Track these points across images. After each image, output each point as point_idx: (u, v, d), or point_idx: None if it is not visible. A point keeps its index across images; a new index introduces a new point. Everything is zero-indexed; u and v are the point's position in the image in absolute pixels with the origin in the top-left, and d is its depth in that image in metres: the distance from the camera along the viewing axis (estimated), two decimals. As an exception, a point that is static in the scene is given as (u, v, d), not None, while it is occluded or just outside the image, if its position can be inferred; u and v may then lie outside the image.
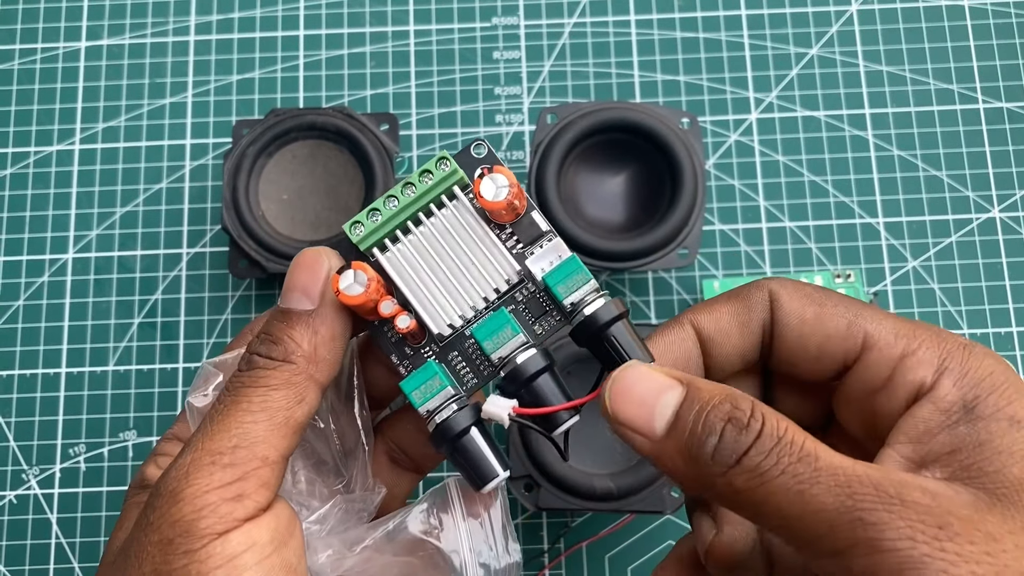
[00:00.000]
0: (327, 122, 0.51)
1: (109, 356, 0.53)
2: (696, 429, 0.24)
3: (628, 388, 0.26)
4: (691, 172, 0.49)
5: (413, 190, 0.28)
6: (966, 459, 0.24)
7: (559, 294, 0.28)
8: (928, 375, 0.26)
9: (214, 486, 0.25)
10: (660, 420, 0.25)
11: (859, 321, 0.28)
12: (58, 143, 0.56)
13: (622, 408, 0.26)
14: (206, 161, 0.56)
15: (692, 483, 0.25)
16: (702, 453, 0.24)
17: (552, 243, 0.29)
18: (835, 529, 0.22)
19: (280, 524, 0.26)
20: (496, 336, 0.28)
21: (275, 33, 0.58)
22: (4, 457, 0.51)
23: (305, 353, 0.27)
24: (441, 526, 0.29)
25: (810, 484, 0.23)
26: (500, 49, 0.57)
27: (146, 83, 0.57)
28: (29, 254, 0.54)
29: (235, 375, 0.27)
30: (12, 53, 0.58)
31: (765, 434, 0.23)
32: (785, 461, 0.23)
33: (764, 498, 0.23)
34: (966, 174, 0.54)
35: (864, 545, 0.22)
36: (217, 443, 0.26)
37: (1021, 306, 0.52)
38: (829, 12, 0.57)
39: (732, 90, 0.56)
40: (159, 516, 0.25)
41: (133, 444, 0.51)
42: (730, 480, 0.23)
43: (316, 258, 0.28)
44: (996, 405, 0.25)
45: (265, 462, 0.26)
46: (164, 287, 0.54)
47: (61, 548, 0.50)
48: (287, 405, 0.26)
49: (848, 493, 0.22)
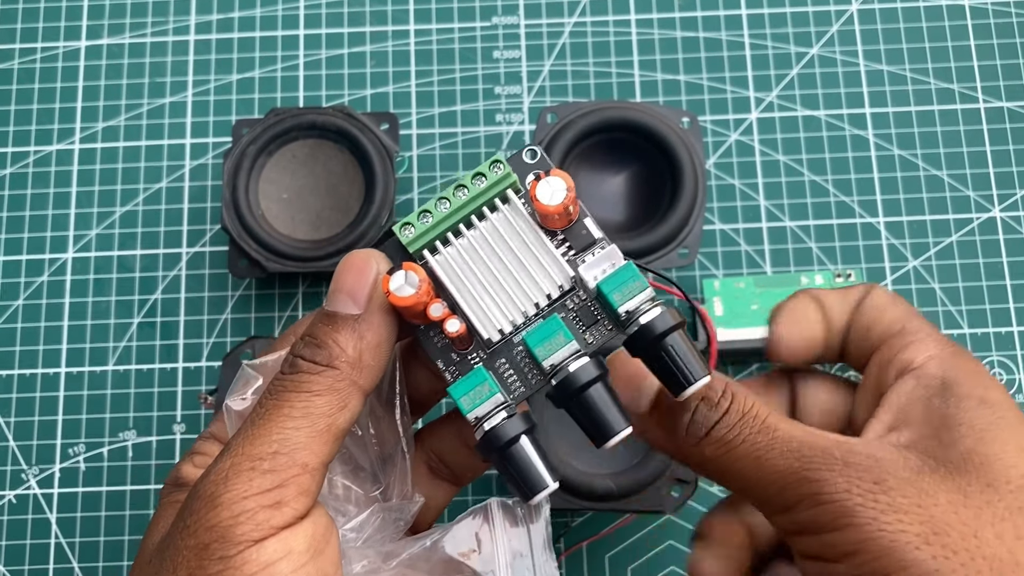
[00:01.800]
0: (327, 121, 0.50)
1: (108, 356, 0.53)
2: (674, 409, 0.28)
3: (620, 366, 0.29)
4: (691, 171, 0.49)
5: (465, 192, 0.28)
6: (929, 430, 0.27)
7: (614, 302, 0.27)
8: (918, 356, 0.30)
9: (252, 492, 0.25)
10: (645, 399, 0.29)
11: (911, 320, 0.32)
12: (58, 142, 0.56)
13: (617, 381, 0.29)
14: (206, 160, 0.56)
15: (671, 452, 0.29)
16: (678, 426, 0.28)
17: (606, 250, 0.28)
18: (785, 489, 0.26)
19: (317, 532, 0.26)
20: (548, 342, 0.27)
21: (275, 32, 0.58)
22: (3, 457, 0.51)
23: (350, 359, 0.27)
24: (479, 548, 0.29)
25: (766, 450, 0.26)
26: (500, 48, 0.57)
27: (146, 82, 0.57)
28: (28, 253, 0.54)
29: (278, 378, 0.27)
30: (12, 52, 0.58)
31: (732, 411, 0.27)
32: (746, 432, 0.27)
33: (729, 465, 0.27)
34: (967, 173, 0.54)
35: (808, 500, 0.25)
36: (257, 448, 0.25)
37: (1021, 306, 0.52)
38: (829, 11, 0.57)
39: (732, 89, 0.56)
40: (196, 520, 0.25)
41: (133, 444, 0.51)
42: (701, 450, 0.27)
43: (366, 261, 0.27)
44: (971, 387, 0.28)
45: (305, 469, 0.25)
46: (164, 287, 0.54)
47: (60, 548, 0.50)
48: (329, 411, 0.26)
49: (797, 456, 0.26)
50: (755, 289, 0.51)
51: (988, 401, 0.27)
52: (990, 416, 0.27)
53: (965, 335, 0.52)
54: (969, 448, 0.26)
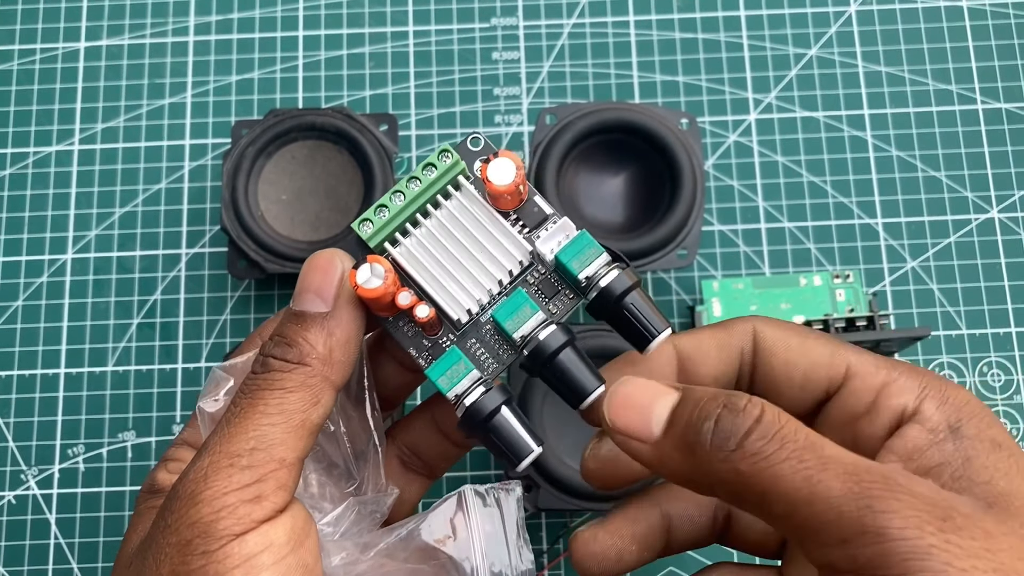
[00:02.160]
0: (326, 122, 0.51)
1: (108, 357, 0.53)
2: (692, 419, 0.24)
3: (625, 399, 0.26)
4: (690, 173, 0.49)
5: (418, 184, 0.29)
6: (955, 472, 0.25)
7: (573, 269, 0.28)
8: (910, 400, 0.27)
9: (232, 488, 0.25)
10: (657, 422, 0.25)
11: (841, 351, 0.28)
12: (57, 143, 0.56)
13: (620, 416, 0.26)
14: (205, 161, 0.56)
15: (695, 477, 0.25)
16: (699, 440, 0.24)
17: (558, 224, 0.29)
18: (843, 516, 0.22)
19: (296, 525, 0.26)
20: (516, 315, 0.28)
21: (274, 34, 0.58)
22: (3, 457, 0.51)
23: (320, 355, 0.27)
24: (455, 534, 0.29)
25: (818, 469, 0.22)
26: (499, 50, 0.57)
27: (145, 84, 0.57)
28: (28, 254, 0.54)
29: (250, 377, 0.27)
30: (11, 53, 0.58)
31: (766, 420, 0.23)
32: (790, 447, 0.23)
33: (771, 483, 0.23)
34: (965, 175, 0.54)
35: (873, 533, 0.22)
36: (235, 445, 0.26)
37: (1020, 306, 0.52)
38: (828, 13, 0.57)
39: (731, 91, 0.56)
40: (177, 518, 0.25)
41: (132, 444, 0.51)
42: (734, 465, 0.23)
43: (330, 260, 0.28)
44: (978, 428, 0.26)
45: (282, 464, 0.26)
46: (163, 288, 0.54)
47: (60, 548, 0.50)
48: (303, 407, 0.27)
49: (856, 480, 0.22)
50: (754, 290, 0.51)
51: (999, 442, 0.26)
52: (1007, 459, 0.25)
53: (963, 336, 0.52)
54: (1005, 490, 0.24)
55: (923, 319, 0.52)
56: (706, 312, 0.51)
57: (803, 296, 0.51)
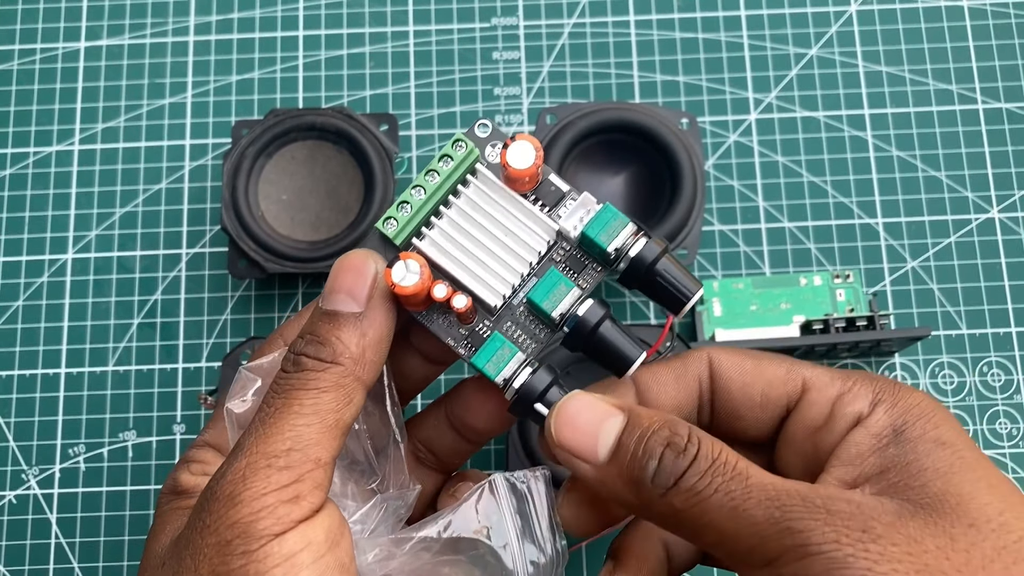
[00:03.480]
0: (326, 122, 0.51)
1: (108, 356, 0.53)
2: (637, 453, 0.26)
3: (572, 417, 0.27)
4: (690, 173, 0.49)
5: (436, 176, 0.29)
6: (894, 477, 0.26)
7: (602, 243, 0.28)
8: (864, 407, 0.28)
9: (271, 488, 0.25)
10: (603, 447, 0.26)
11: (796, 368, 0.30)
12: (57, 144, 0.56)
13: (566, 435, 0.27)
14: (205, 162, 0.56)
15: (634, 506, 0.26)
16: (643, 476, 0.25)
17: (579, 200, 0.29)
18: (766, 540, 0.24)
19: (333, 524, 0.26)
20: (552, 294, 0.28)
21: (274, 34, 0.58)
22: (4, 457, 0.51)
23: (353, 355, 0.27)
24: (490, 524, 0.29)
25: (742, 500, 0.24)
26: (499, 50, 0.57)
27: (145, 84, 0.57)
28: (28, 254, 0.54)
29: (282, 376, 0.27)
30: (11, 53, 0.58)
31: (701, 456, 0.25)
32: (719, 480, 0.25)
33: (700, 516, 0.25)
34: (965, 175, 0.54)
35: (793, 551, 0.23)
36: (271, 446, 0.26)
37: (1020, 306, 0.52)
38: (828, 13, 0.57)
39: (731, 91, 0.56)
40: (216, 519, 0.25)
41: (133, 444, 0.51)
42: (669, 501, 0.25)
43: (364, 260, 0.28)
44: (923, 429, 0.27)
45: (318, 464, 0.26)
46: (163, 288, 0.54)
47: (61, 548, 0.50)
48: (337, 407, 0.27)
49: (777, 506, 0.24)
50: (754, 290, 0.51)
51: (943, 441, 0.26)
52: (950, 457, 0.26)
53: (963, 336, 0.52)
54: (941, 490, 0.25)
55: (923, 319, 0.52)
56: (706, 312, 0.51)
57: (803, 296, 0.51)
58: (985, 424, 0.51)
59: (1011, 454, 0.50)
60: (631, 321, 0.53)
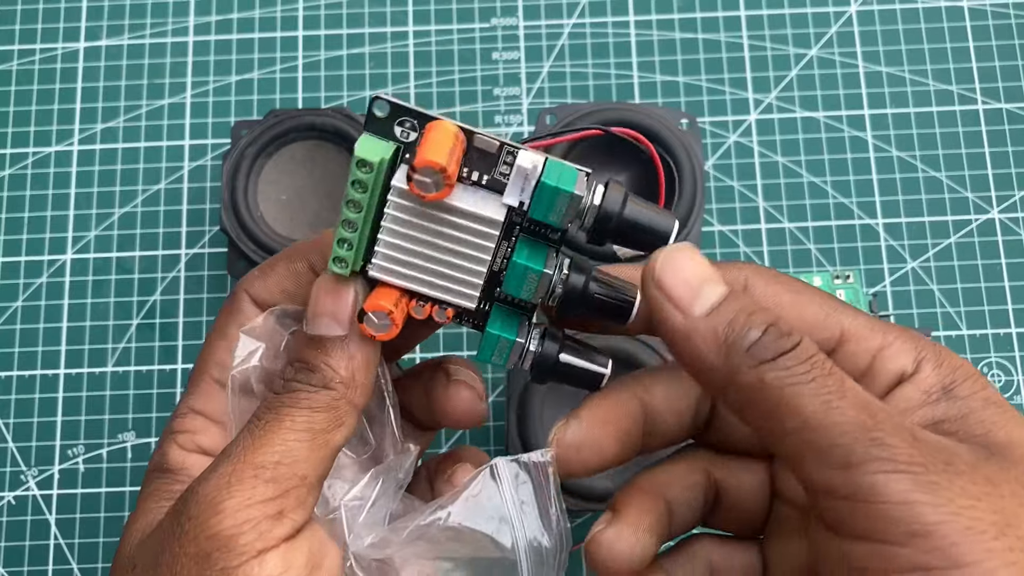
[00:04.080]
0: (326, 123, 0.50)
1: (108, 357, 0.53)
2: (739, 320, 0.25)
3: (679, 264, 0.26)
4: (690, 173, 0.49)
5: (358, 206, 0.26)
6: (951, 427, 0.25)
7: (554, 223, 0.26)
8: (908, 364, 0.27)
9: (256, 500, 0.25)
10: (702, 301, 0.25)
11: (835, 314, 0.28)
12: (56, 144, 0.56)
13: (668, 277, 0.25)
14: (205, 162, 0.56)
15: (713, 369, 0.25)
16: (739, 343, 0.24)
17: (519, 159, 0.26)
18: (853, 442, 0.22)
19: (314, 547, 0.26)
20: (524, 286, 0.27)
21: (274, 34, 0.58)
22: (3, 458, 0.51)
23: (343, 379, 0.27)
24: (491, 511, 0.29)
25: (838, 396, 0.23)
26: (499, 50, 0.57)
27: (144, 84, 0.57)
28: (27, 255, 0.54)
29: (274, 396, 0.27)
30: (11, 54, 0.58)
31: (803, 346, 0.24)
32: (817, 371, 0.24)
33: (789, 398, 0.23)
34: (965, 175, 0.54)
35: (878, 462, 0.22)
36: (260, 456, 0.25)
37: (1020, 307, 0.52)
38: (828, 13, 0.57)
39: (731, 91, 0.56)
40: (196, 526, 0.24)
41: (132, 445, 0.51)
42: (760, 375, 0.24)
43: (336, 285, 0.27)
44: (973, 388, 0.26)
45: (304, 482, 0.26)
46: (163, 288, 0.54)
47: (60, 549, 0.50)
48: (328, 428, 0.26)
49: (870, 414, 0.23)
50: (754, 291, 0.51)
51: (994, 401, 0.26)
52: (1005, 414, 0.25)
53: (964, 336, 0.52)
54: (1006, 440, 0.24)
55: (923, 320, 0.52)
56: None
57: (803, 297, 0.51)
58: (985, 425, 0.51)
59: (1011, 455, 0.50)
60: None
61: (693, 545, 0.30)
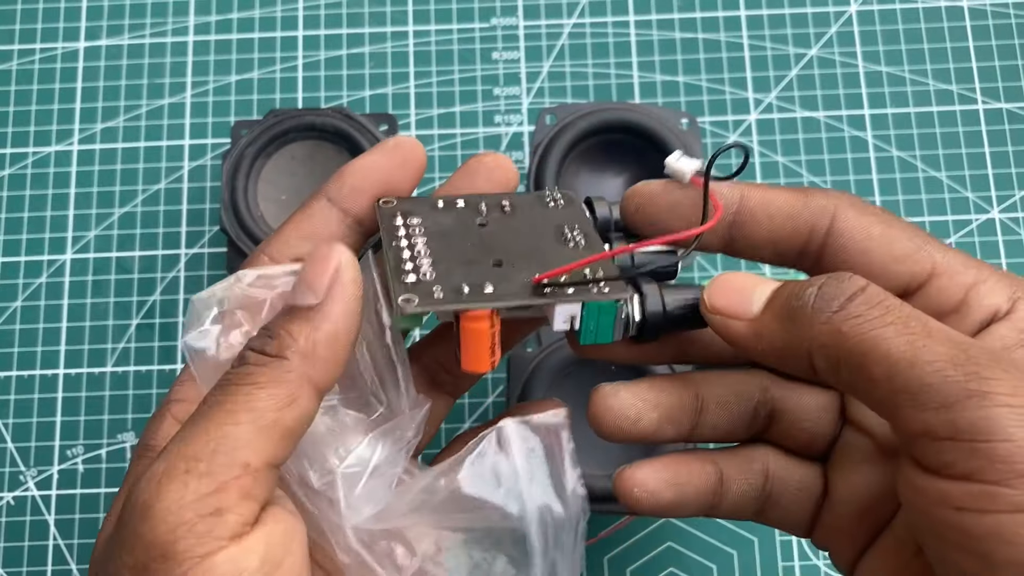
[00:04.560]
0: (326, 123, 0.50)
1: (107, 357, 0.53)
2: (794, 289, 0.24)
3: (725, 283, 0.26)
4: (690, 173, 0.49)
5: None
6: None
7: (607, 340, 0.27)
8: (1003, 302, 0.26)
9: (189, 499, 0.22)
10: (757, 300, 0.25)
11: (927, 247, 0.27)
12: (56, 144, 0.56)
13: (719, 297, 0.26)
14: (204, 162, 0.56)
15: (792, 343, 0.24)
16: (801, 304, 0.24)
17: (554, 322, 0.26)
18: (947, 380, 0.21)
19: (272, 542, 0.23)
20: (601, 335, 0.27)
21: (274, 34, 0.58)
22: (1, 459, 0.51)
23: (301, 349, 0.24)
24: (498, 477, 0.26)
25: (923, 334, 0.22)
26: (499, 50, 0.57)
27: (144, 84, 0.57)
28: (27, 255, 0.54)
29: (226, 374, 0.25)
30: (10, 53, 0.58)
31: (871, 290, 0.23)
32: (895, 313, 0.23)
33: (873, 344, 0.22)
34: (965, 175, 0.54)
35: (978, 398, 0.21)
36: (194, 448, 0.23)
37: (1021, 307, 0.52)
38: (828, 13, 0.57)
39: (731, 91, 0.56)
40: (131, 534, 0.22)
41: (131, 446, 0.51)
42: (836, 326, 0.23)
43: (327, 251, 0.25)
44: None
45: (246, 470, 0.23)
46: (162, 288, 0.54)
47: (59, 550, 0.50)
48: (275, 405, 0.23)
49: (962, 348, 0.22)
50: (754, 290, 0.51)
51: None
52: None
53: (964, 336, 0.52)
54: None
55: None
56: (706, 312, 0.50)
57: (804, 296, 0.51)
58: (986, 425, 0.51)
59: (1012, 455, 0.50)
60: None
61: (753, 449, 0.30)
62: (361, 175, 0.29)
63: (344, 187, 0.29)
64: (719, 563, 0.49)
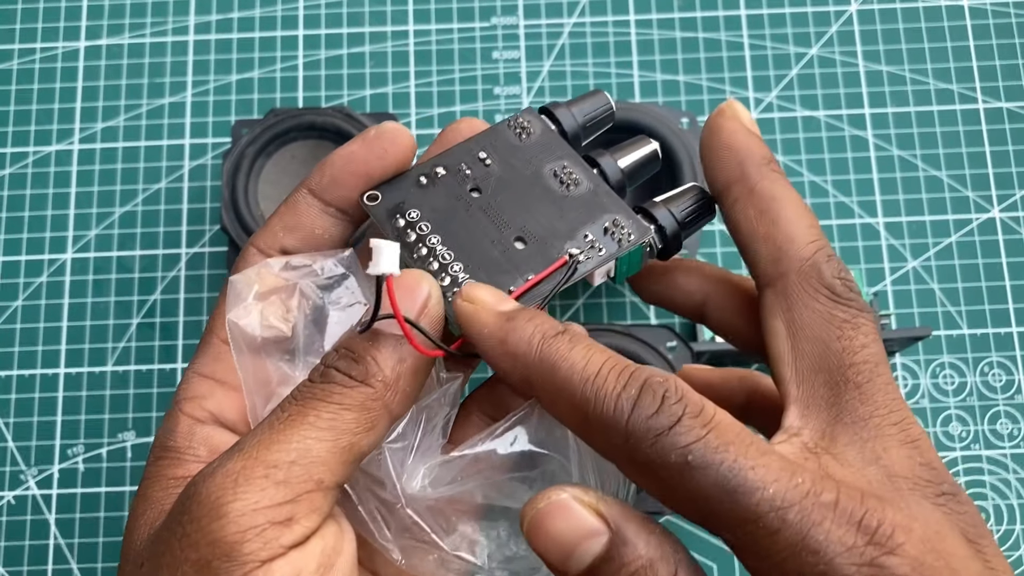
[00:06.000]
0: (326, 122, 0.50)
1: (108, 357, 0.53)
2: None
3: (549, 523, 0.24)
4: (690, 172, 0.49)
5: None
6: None
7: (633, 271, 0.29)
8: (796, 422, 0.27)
9: (264, 504, 0.22)
10: (576, 565, 0.23)
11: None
12: (57, 143, 0.56)
13: (539, 539, 0.24)
14: (205, 161, 0.56)
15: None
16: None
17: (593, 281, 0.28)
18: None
19: (327, 547, 0.24)
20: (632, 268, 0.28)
21: (274, 33, 0.58)
22: (2, 458, 0.51)
23: (386, 379, 0.24)
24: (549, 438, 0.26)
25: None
26: (499, 49, 0.57)
27: (145, 83, 0.57)
28: (28, 254, 0.54)
29: (305, 385, 0.25)
30: (11, 53, 0.58)
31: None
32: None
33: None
34: (966, 174, 0.54)
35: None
36: (274, 454, 0.23)
37: (1021, 306, 0.52)
38: (829, 12, 0.57)
39: (732, 90, 0.56)
40: (197, 530, 0.22)
41: (132, 445, 0.51)
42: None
43: (418, 281, 0.25)
44: None
45: (319, 486, 0.23)
46: (163, 287, 0.54)
47: (59, 549, 0.50)
48: (356, 429, 0.24)
49: None
50: (754, 290, 0.51)
51: None
52: None
53: (964, 335, 0.52)
54: None
55: (924, 319, 0.52)
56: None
57: (804, 296, 0.51)
58: (986, 424, 0.51)
59: (1012, 454, 0.50)
60: (631, 321, 0.53)
61: None
62: (340, 165, 0.29)
63: (324, 178, 0.29)
64: (719, 563, 0.49)
